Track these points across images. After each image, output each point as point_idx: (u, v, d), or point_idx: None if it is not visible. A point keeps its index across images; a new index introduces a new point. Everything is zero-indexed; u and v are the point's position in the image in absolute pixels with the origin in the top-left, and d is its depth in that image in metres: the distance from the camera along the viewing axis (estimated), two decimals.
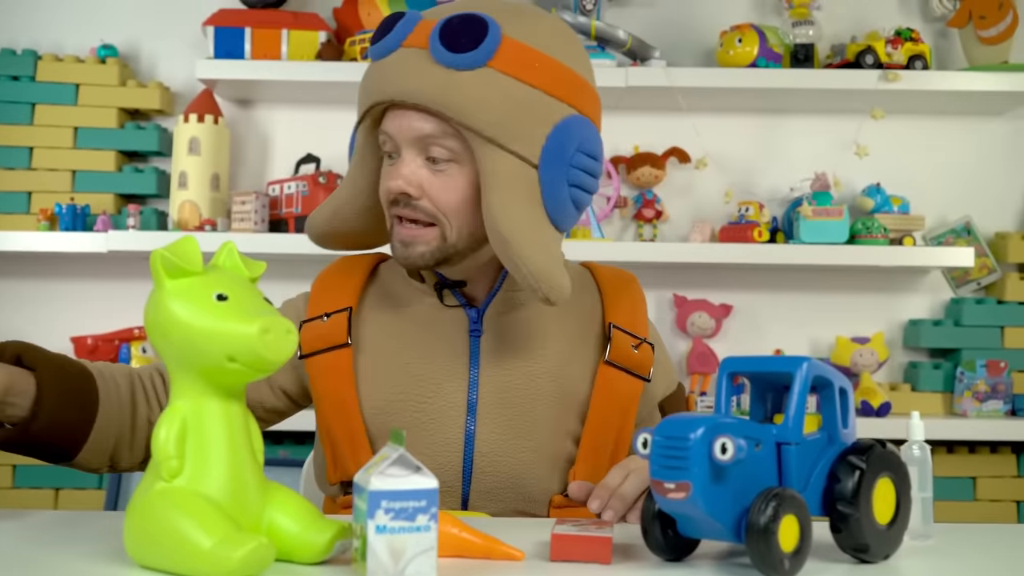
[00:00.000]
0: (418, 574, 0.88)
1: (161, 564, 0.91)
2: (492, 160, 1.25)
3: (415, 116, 1.27)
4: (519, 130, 1.26)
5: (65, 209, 2.41)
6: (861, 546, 0.98)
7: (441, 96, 1.24)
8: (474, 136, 1.25)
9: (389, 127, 1.29)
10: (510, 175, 1.26)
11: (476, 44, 1.24)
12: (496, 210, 1.25)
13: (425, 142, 1.27)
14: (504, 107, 1.25)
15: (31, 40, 2.63)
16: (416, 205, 1.28)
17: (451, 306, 1.38)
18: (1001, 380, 2.49)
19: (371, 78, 1.31)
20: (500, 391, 1.33)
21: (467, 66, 1.24)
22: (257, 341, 0.89)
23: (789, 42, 2.55)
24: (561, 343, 1.37)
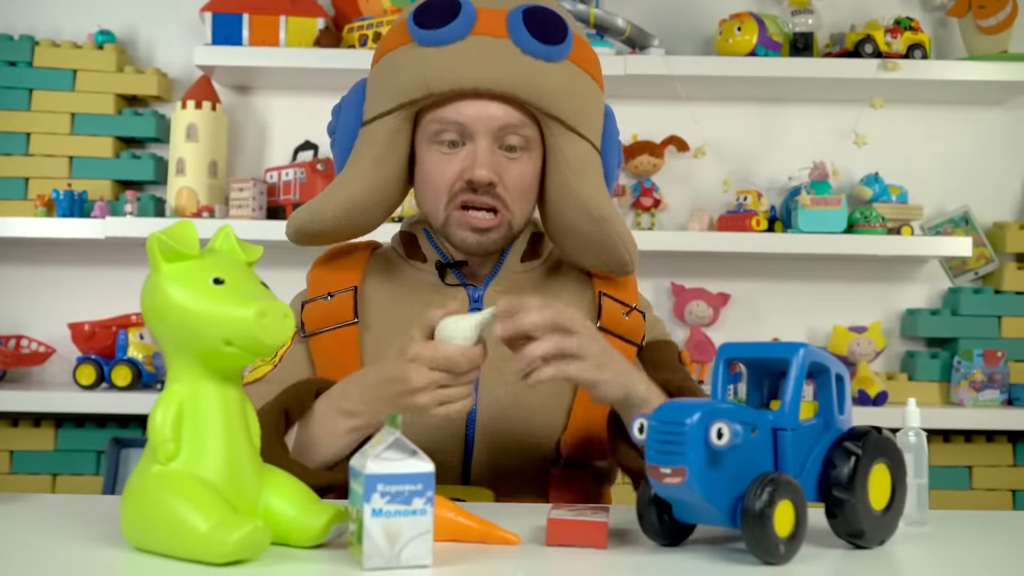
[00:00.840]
0: (414, 558, 0.88)
1: (157, 547, 0.91)
2: (573, 147, 1.33)
3: (496, 105, 1.29)
4: (591, 118, 1.35)
5: (62, 195, 2.41)
6: (856, 532, 0.98)
7: (531, 86, 1.28)
8: (557, 125, 1.31)
9: (459, 115, 1.30)
10: (589, 160, 1.35)
11: (563, 36, 1.30)
12: (588, 192, 1.33)
13: (505, 131, 1.31)
14: (582, 97, 1.33)
15: (28, 25, 2.62)
16: (494, 193, 1.31)
17: (452, 285, 1.40)
18: (998, 370, 2.49)
19: (433, 64, 1.29)
20: (500, 359, 1.30)
21: (555, 57, 1.30)
22: (254, 324, 0.89)
23: (788, 31, 2.55)
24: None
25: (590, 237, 1.35)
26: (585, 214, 1.34)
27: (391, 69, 1.34)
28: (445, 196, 1.33)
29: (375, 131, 1.34)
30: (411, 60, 1.31)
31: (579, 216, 1.34)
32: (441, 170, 1.33)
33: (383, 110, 1.33)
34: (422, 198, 1.39)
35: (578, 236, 1.36)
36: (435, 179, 1.34)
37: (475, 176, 1.30)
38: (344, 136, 1.38)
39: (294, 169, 2.47)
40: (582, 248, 1.38)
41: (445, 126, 1.31)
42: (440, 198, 1.34)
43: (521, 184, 1.34)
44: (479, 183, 1.30)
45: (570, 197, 1.34)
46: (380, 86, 1.35)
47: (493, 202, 1.32)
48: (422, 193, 1.38)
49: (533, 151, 1.34)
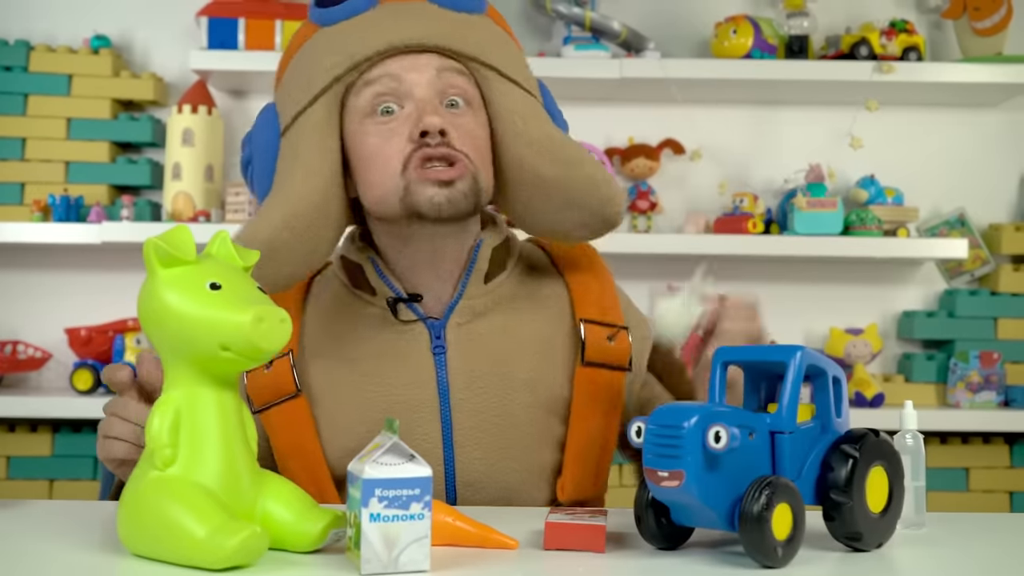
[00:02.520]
0: (412, 562, 0.88)
1: (155, 553, 0.91)
2: (515, 95, 1.26)
3: (429, 58, 1.23)
4: (526, 73, 1.29)
5: (58, 200, 2.40)
6: (854, 534, 0.98)
7: (460, 36, 1.24)
8: (495, 75, 1.25)
9: (394, 68, 1.21)
10: (537, 108, 1.27)
11: None
12: (543, 135, 1.24)
13: (444, 83, 1.23)
14: (511, 51, 1.29)
15: (24, 30, 2.62)
16: (450, 143, 1.20)
17: (408, 321, 1.27)
18: (994, 371, 2.50)
19: (350, 36, 1.21)
20: (475, 413, 1.24)
21: (475, 10, 1.28)
22: (251, 330, 0.89)
23: (784, 33, 2.55)
24: (533, 348, 1.28)
25: (560, 185, 1.22)
26: (548, 157, 1.22)
27: (303, 63, 1.24)
28: (399, 164, 1.20)
29: (299, 129, 1.21)
30: (324, 42, 1.23)
31: (542, 162, 1.22)
32: (386, 139, 1.21)
33: (305, 102, 1.21)
34: (370, 182, 1.23)
35: (547, 190, 1.23)
36: (382, 150, 1.21)
37: (426, 124, 1.18)
38: (263, 157, 1.23)
39: None
40: (554, 205, 1.24)
41: (380, 87, 1.21)
42: (394, 168, 1.20)
43: (472, 137, 1.22)
44: (431, 130, 1.18)
45: (527, 145, 1.23)
46: (294, 86, 1.24)
47: (450, 151, 1.19)
48: (368, 174, 1.22)
49: (476, 109, 1.25)
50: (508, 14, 2.65)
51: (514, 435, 1.25)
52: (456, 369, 1.25)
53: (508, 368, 1.26)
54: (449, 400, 1.24)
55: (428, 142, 1.19)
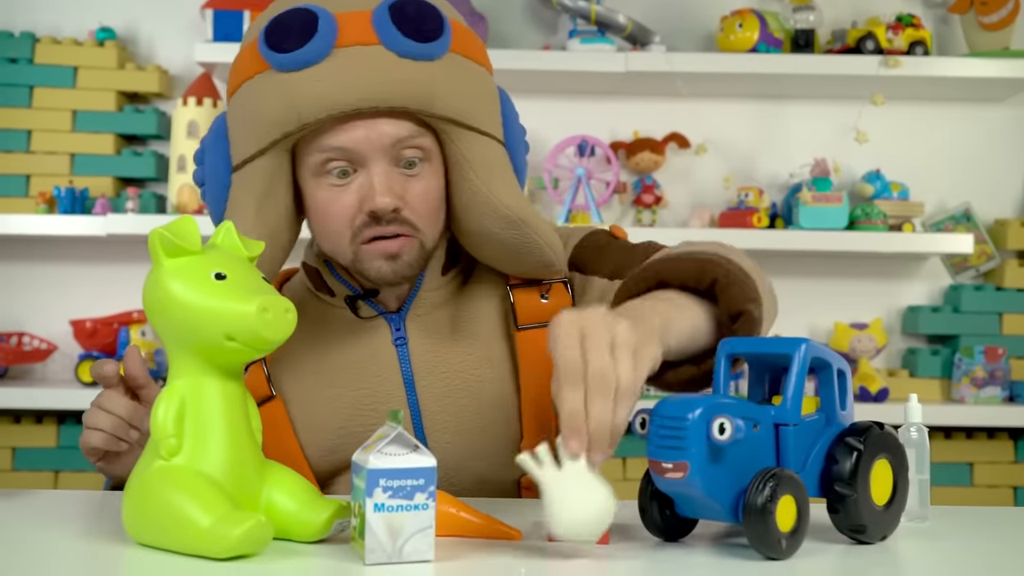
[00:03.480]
0: (416, 552, 0.88)
1: (160, 542, 0.91)
2: (476, 146, 1.20)
3: (382, 121, 1.15)
4: (487, 111, 1.22)
5: (64, 192, 2.41)
6: (858, 527, 0.98)
7: (417, 92, 1.15)
8: (454, 128, 1.18)
9: (343, 141, 1.15)
10: (496, 157, 1.22)
11: (440, 31, 1.16)
12: (501, 195, 1.20)
13: (398, 147, 1.17)
14: (474, 91, 1.20)
15: (29, 22, 2.62)
16: (400, 217, 1.18)
17: (368, 318, 1.28)
18: (999, 366, 2.49)
19: (300, 90, 1.13)
20: (441, 397, 1.26)
21: (436, 54, 1.16)
22: (255, 320, 0.90)
23: (790, 27, 2.55)
24: (483, 325, 1.28)
25: (510, 243, 1.22)
26: (501, 220, 1.20)
27: (252, 102, 1.17)
28: (348, 233, 1.19)
29: (249, 175, 1.18)
30: (274, 89, 1.15)
31: (494, 223, 1.20)
32: (336, 207, 1.18)
33: (254, 151, 1.17)
34: (321, 237, 1.23)
35: (497, 243, 1.23)
36: (332, 217, 1.19)
37: (376, 206, 1.16)
38: (215, 186, 1.22)
39: None
40: (502, 255, 1.24)
41: (330, 154, 1.16)
42: (342, 236, 1.19)
43: (426, 202, 1.20)
44: (382, 212, 1.16)
45: (483, 204, 1.20)
46: (244, 123, 1.19)
47: (401, 229, 1.18)
48: (321, 232, 1.23)
49: (433, 162, 1.20)
50: (513, 7, 2.66)
51: (481, 413, 1.26)
52: (418, 358, 1.27)
53: (466, 349, 1.27)
54: (415, 388, 1.26)
55: (379, 218, 1.17)
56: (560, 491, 0.90)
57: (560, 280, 1.30)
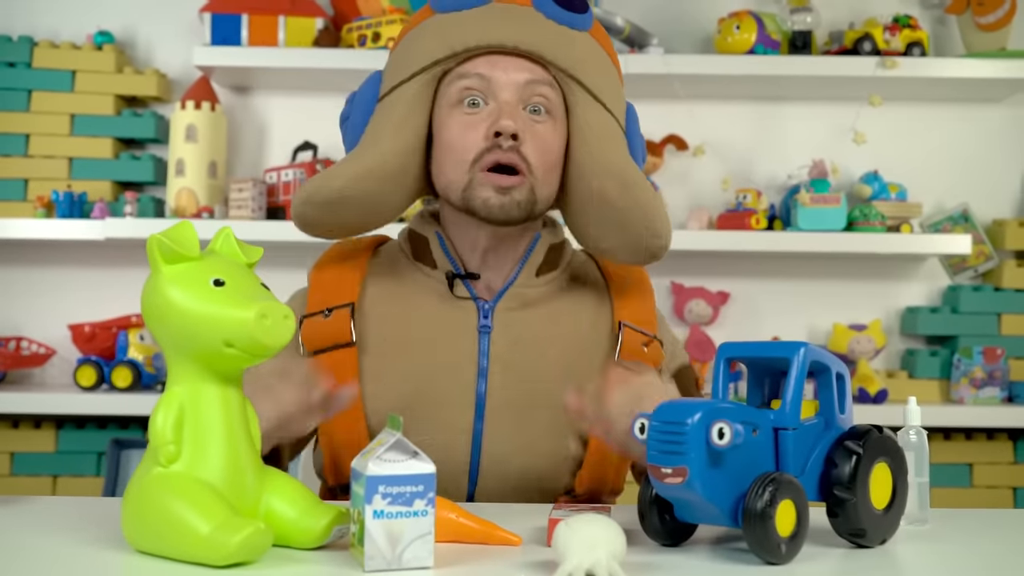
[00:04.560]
0: (415, 559, 0.88)
1: (158, 549, 0.91)
2: (597, 114, 1.30)
3: (519, 64, 1.28)
4: (615, 95, 1.33)
5: (62, 196, 2.40)
6: (858, 531, 0.98)
7: (556, 48, 1.28)
8: (581, 91, 1.30)
9: (486, 72, 1.28)
10: (615, 131, 1.32)
11: (586, 8, 1.32)
12: (617, 158, 1.30)
13: (529, 89, 1.29)
14: (606, 71, 1.33)
15: (27, 26, 2.62)
16: (520, 150, 1.27)
17: (461, 298, 1.33)
18: (998, 367, 2.49)
19: (455, 26, 1.28)
20: (508, 393, 1.30)
21: (578, 26, 1.31)
22: (254, 326, 0.89)
23: (787, 29, 2.55)
24: (571, 342, 1.34)
25: (616, 207, 1.28)
26: (614, 180, 1.28)
27: (411, 42, 1.32)
28: (471, 157, 1.27)
29: (394, 99, 1.30)
30: (433, 27, 1.30)
31: (608, 184, 1.28)
32: (465, 130, 1.28)
33: (404, 77, 1.30)
34: (443, 165, 1.31)
35: (607, 208, 1.28)
36: (459, 141, 1.28)
37: (501, 126, 1.25)
38: (358, 115, 1.33)
39: (293, 169, 2.47)
40: (610, 224, 1.30)
41: (469, 81, 1.28)
42: (465, 160, 1.28)
43: (545, 147, 1.29)
44: (504, 134, 1.25)
45: (597, 165, 1.29)
46: (399, 60, 1.33)
47: (517, 161, 1.26)
48: (444, 160, 1.30)
49: (557, 120, 1.30)
50: None
51: (540, 420, 1.30)
52: (497, 350, 1.31)
53: (545, 358, 1.32)
54: (487, 377, 1.30)
55: (500, 143, 1.26)
56: None
57: (658, 339, 1.38)
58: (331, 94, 2.62)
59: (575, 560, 0.84)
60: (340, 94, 2.60)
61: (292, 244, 2.41)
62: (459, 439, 1.29)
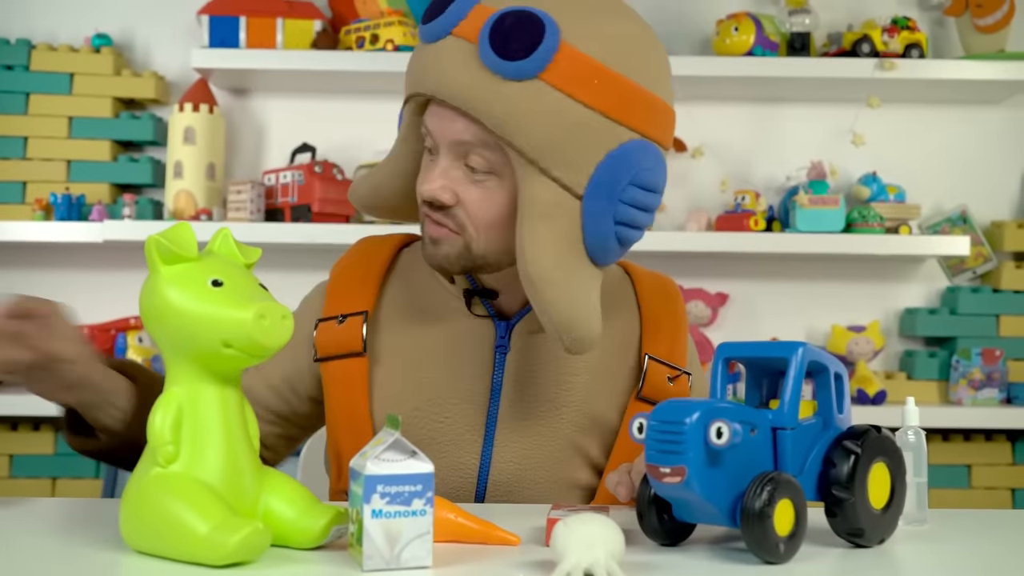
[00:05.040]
0: (414, 559, 0.88)
1: (157, 550, 0.91)
2: (531, 184, 1.13)
3: (456, 117, 1.15)
4: (565, 155, 1.12)
5: (60, 199, 2.41)
6: (856, 530, 0.98)
7: (483, 104, 1.11)
8: (515, 155, 1.13)
9: (429, 123, 1.19)
10: (549, 204, 1.13)
11: (527, 52, 1.10)
12: (526, 245, 1.13)
13: (464, 148, 1.16)
14: (552, 127, 1.11)
15: (25, 29, 2.62)
16: (450, 213, 1.18)
17: (479, 316, 1.29)
18: (996, 368, 2.50)
19: (416, 63, 1.20)
20: (520, 418, 1.26)
21: (515, 76, 1.10)
22: (253, 326, 0.89)
23: (785, 31, 2.55)
24: (591, 371, 1.28)
25: (530, 294, 1.14)
26: (520, 269, 1.14)
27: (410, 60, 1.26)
28: (419, 202, 1.22)
29: (402, 117, 1.27)
30: (415, 53, 1.22)
31: (519, 269, 1.14)
32: (419, 179, 1.23)
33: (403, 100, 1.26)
34: None
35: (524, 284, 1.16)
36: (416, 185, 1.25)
37: (420, 190, 1.19)
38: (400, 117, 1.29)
39: (292, 171, 2.47)
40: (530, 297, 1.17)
41: (426, 132, 1.20)
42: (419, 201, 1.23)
43: (483, 212, 1.17)
44: (421, 197, 1.19)
45: (517, 244, 1.14)
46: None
47: (447, 221, 1.18)
48: None
49: (505, 178, 1.17)
50: None
51: (552, 447, 1.26)
52: (513, 372, 1.27)
53: (562, 386, 1.28)
54: (499, 399, 1.26)
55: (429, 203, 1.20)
56: None
57: (686, 372, 1.31)
58: (329, 96, 2.62)
59: (573, 560, 0.84)
60: (338, 96, 2.61)
61: (290, 246, 2.42)
62: (466, 461, 1.25)
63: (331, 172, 2.46)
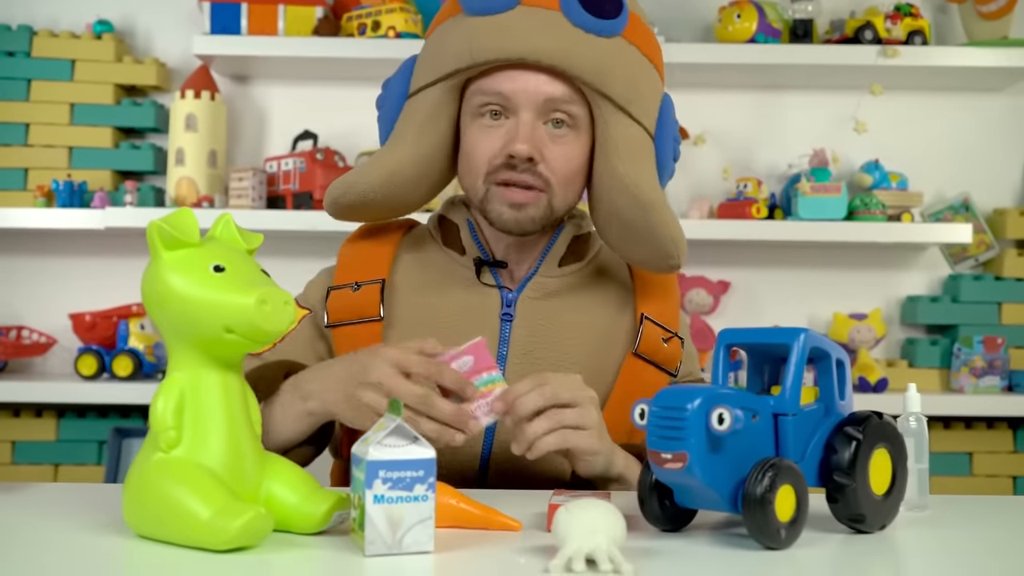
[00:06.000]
0: (416, 544, 0.88)
1: (159, 534, 0.91)
2: (622, 128, 1.27)
3: (543, 78, 1.25)
4: (643, 102, 1.29)
5: (62, 186, 2.40)
6: (857, 516, 0.98)
7: (582, 60, 1.23)
8: (607, 104, 1.26)
9: (505, 86, 1.25)
10: (640, 144, 1.28)
11: (619, 11, 1.26)
12: (635, 176, 1.27)
13: (550, 105, 1.26)
14: (635, 77, 1.27)
15: (27, 15, 2.62)
16: (535, 170, 1.26)
17: (487, 285, 1.35)
18: (998, 356, 2.49)
19: (479, 33, 1.25)
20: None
21: (607, 32, 1.25)
22: (254, 312, 0.89)
23: (788, 17, 2.54)
24: (592, 336, 1.35)
25: (635, 224, 1.29)
26: (630, 199, 1.27)
27: (439, 40, 1.30)
28: (484, 170, 1.28)
29: (419, 102, 1.30)
30: (458, 30, 1.27)
31: (624, 201, 1.28)
32: (482, 143, 1.28)
33: (427, 81, 1.30)
34: (463, 173, 1.33)
35: (623, 224, 1.30)
36: (475, 152, 1.29)
37: (514, 150, 1.25)
38: (389, 108, 1.34)
39: (293, 159, 2.47)
40: (627, 238, 1.32)
41: (488, 97, 1.27)
42: (479, 172, 1.29)
43: (565, 164, 1.28)
44: (518, 157, 1.25)
45: (616, 182, 1.28)
46: (427, 58, 1.32)
47: (533, 180, 1.27)
48: (464, 168, 1.33)
49: (581, 131, 1.29)
50: None
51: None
52: (518, 338, 1.32)
53: (565, 350, 1.33)
54: (505, 365, 1.31)
55: (514, 164, 1.26)
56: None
57: (679, 336, 1.39)
58: (331, 83, 2.62)
59: (575, 545, 0.84)
60: (340, 83, 2.61)
61: (292, 233, 2.41)
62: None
63: (332, 159, 2.46)
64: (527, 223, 1.29)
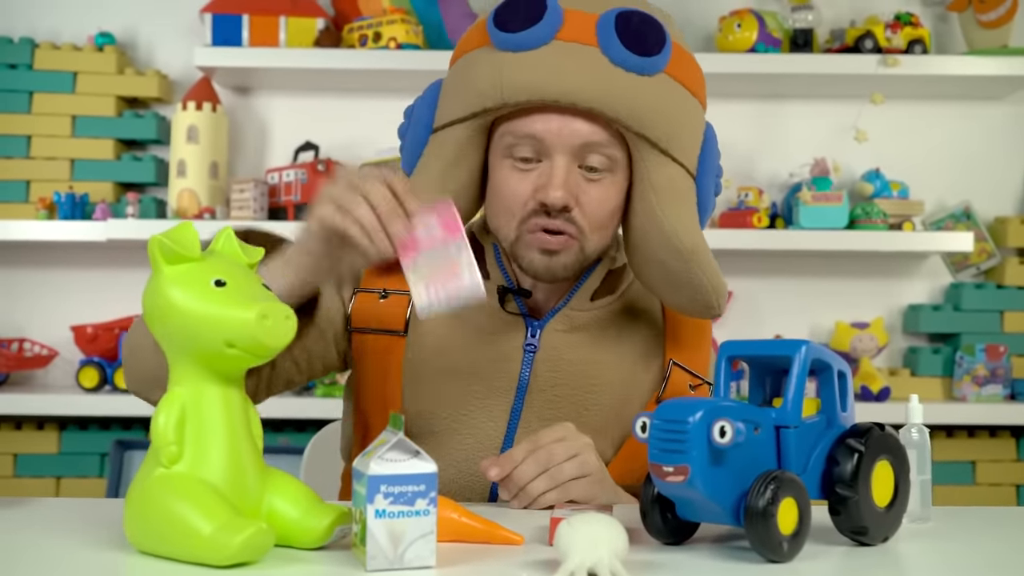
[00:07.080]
0: (417, 558, 0.88)
1: (161, 550, 0.91)
2: (662, 169, 1.20)
3: (578, 121, 1.18)
4: (685, 140, 1.23)
5: (64, 198, 2.41)
6: (860, 529, 0.98)
7: (622, 101, 1.16)
8: (647, 146, 1.19)
9: (538, 128, 1.19)
10: (681, 185, 1.22)
11: (660, 48, 1.18)
12: (675, 222, 1.20)
13: (587, 150, 1.19)
14: (677, 117, 1.21)
15: (28, 28, 2.62)
16: (570, 217, 1.20)
17: (511, 313, 1.30)
18: (1000, 364, 2.49)
19: (511, 70, 1.17)
20: (543, 418, 1.27)
21: (649, 71, 1.18)
22: (256, 326, 0.89)
23: (788, 27, 2.55)
24: (616, 375, 1.30)
25: (674, 272, 1.22)
26: (670, 247, 1.21)
27: (466, 72, 1.22)
28: (518, 215, 1.22)
29: (445, 139, 1.24)
30: (488, 64, 1.19)
31: (663, 248, 1.21)
32: (513, 187, 1.21)
33: (454, 117, 1.22)
34: (492, 214, 1.27)
35: (662, 270, 1.24)
36: (507, 196, 1.22)
37: (548, 199, 1.18)
38: (413, 140, 1.27)
39: (295, 170, 2.47)
40: (665, 283, 1.25)
41: (520, 140, 1.20)
42: (512, 217, 1.22)
43: (600, 210, 1.22)
44: (552, 206, 1.18)
45: (655, 227, 1.21)
46: (454, 91, 1.24)
47: (567, 227, 1.20)
48: (493, 209, 1.26)
49: (618, 174, 1.22)
50: None
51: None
52: (540, 372, 1.28)
53: (588, 390, 1.29)
54: (524, 397, 1.28)
55: (548, 211, 1.20)
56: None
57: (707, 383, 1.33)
58: (332, 94, 2.62)
59: (577, 559, 0.84)
60: (341, 94, 2.61)
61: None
62: (485, 455, 1.24)
63: (334, 170, 2.46)
64: (559, 269, 1.23)
